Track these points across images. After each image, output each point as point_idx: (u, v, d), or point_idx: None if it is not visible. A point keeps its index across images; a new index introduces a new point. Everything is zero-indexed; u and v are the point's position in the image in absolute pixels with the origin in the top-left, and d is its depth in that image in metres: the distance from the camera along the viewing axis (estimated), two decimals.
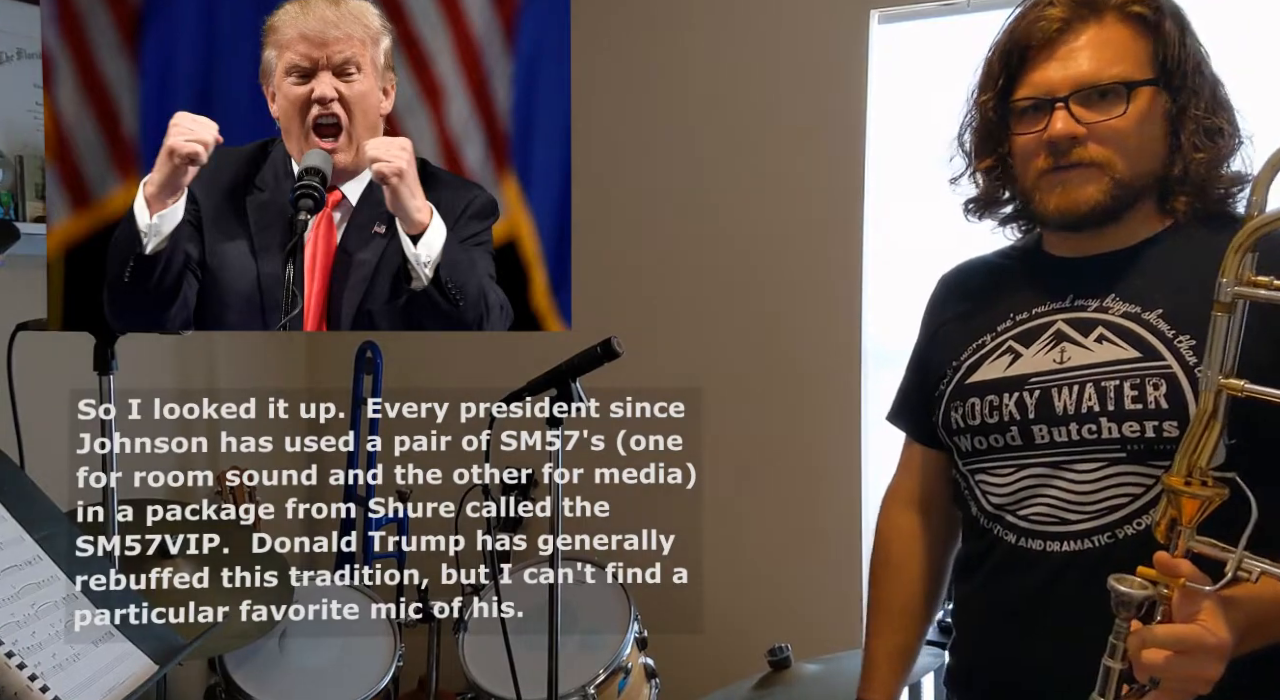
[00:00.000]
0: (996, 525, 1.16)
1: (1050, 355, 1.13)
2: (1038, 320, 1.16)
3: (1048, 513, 1.11)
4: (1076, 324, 1.13)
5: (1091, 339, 1.11)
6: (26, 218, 2.22)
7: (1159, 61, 1.09)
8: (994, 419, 1.15)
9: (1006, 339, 1.18)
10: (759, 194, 2.49)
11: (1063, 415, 1.09)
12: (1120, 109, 1.07)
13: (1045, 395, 1.11)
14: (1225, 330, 0.92)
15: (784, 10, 2.44)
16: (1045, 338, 1.14)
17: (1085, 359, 1.10)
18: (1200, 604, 0.90)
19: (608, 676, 2.09)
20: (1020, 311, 1.18)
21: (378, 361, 2.80)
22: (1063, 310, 1.14)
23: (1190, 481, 0.93)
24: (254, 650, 2.08)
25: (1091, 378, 1.08)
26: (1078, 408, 1.08)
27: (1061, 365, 1.11)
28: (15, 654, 1.07)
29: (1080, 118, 1.08)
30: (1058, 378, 1.11)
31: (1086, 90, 1.08)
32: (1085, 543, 1.08)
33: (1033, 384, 1.13)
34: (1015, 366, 1.15)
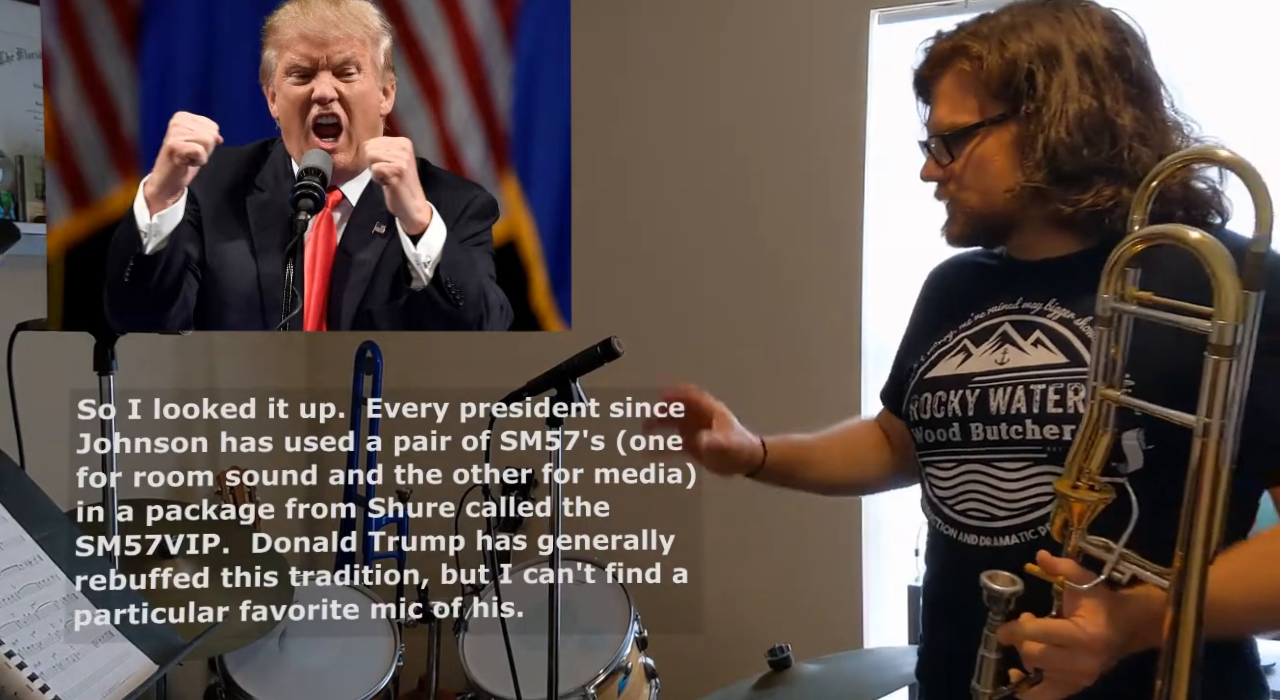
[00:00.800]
0: (939, 518, 1.21)
1: (994, 355, 1.17)
2: (990, 320, 1.20)
3: (979, 508, 1.15)
4: (1020, 326, 1.17)
5: (1029, 342, 1.15)
6: (26, 218, 2.22)
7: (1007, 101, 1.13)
8: (940, 414, 1.20)
9: (963, 337, 1.22)
10: (759, 193, 2.49)
11: (995, 415, 1.13)
12: (968, 149, 1.15)
13: (984, 394, 1.15)
14: (1104, 343, 0.97)
15: (784, 10, 2.44)
16: (993, 338, 1.19)
17: (1021, 361, 1.14)
18: (1078, 601, 0.95)
19: (608, 676, 2.09)
20: (979, 311, 1.22)
21: (378, 361, 2.80)
22: (1011, 312, 1.19)
23: (1078, 485, 0.97)
24: (254, 650, 2.08)
25: (1023, 380, 1.12)
26: (1009, 408, 1.12)
27: (1001, 366, 1.15)
28: (15, 654, 1.07)
29: (939, 160, 1.18)
30: (996, 378, 1.15)
31: (940, 137, 1.17)
32: (1011, 539, 1.12)
33: (975, 383, 1.17)
34: (965, 365, 1.20)
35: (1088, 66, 1.10)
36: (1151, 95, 1.13)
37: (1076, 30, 1.11)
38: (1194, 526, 0.87)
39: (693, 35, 2.55)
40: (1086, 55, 1.10)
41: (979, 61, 1.14)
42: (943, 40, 1.20)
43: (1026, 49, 1.12)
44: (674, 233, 2.59)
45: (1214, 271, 0.85)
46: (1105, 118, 1.09)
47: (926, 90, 1.22)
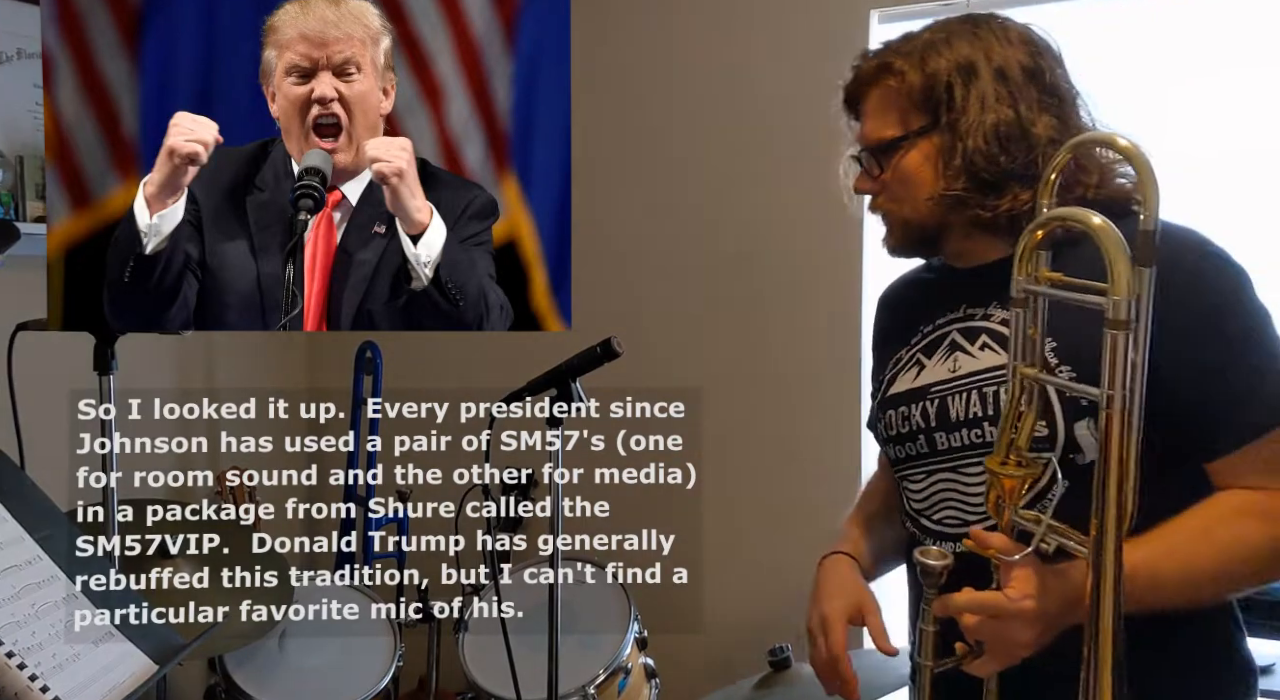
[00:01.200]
0: (917, 530, 1.23)
1: (946, 364, 1.20)
2: (938, 331, 1.23)
3: (953, 515, 1.18)
4: (966, 333, 1.19)
5: (977, 346, 1.18)
6: (26, 218, 2.22)
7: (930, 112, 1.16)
8: (905, 429, 1.22)
9: (915, 351, 1.25)
10: (759, 194, 2.49)
11: (956, 422, 1.16)
12: (894, 161, 1.19)
13: (942, 404, 1.18)
14: (1020, 324, 1.02)
15: (784, 10, 2.44)
16: (943, 348, 1.21)
17: (972, 366, 1.17)
18: (1011, 573, 0.98)
19: (608, 676, 2.09)
20: (928, 324, 1.25)
21: (378, 361, 2.80)
22: (957, 320, 1.21)
23: (1006, 462, 1.01)
24: (254, 650, 2.08)
25: (976, 384, 1.15)
26: (967, 413, 1.15)
27: (954, 374, 1.18)
28: (15, 654, 1.06)
29: (871, 173, 1.22)
30: (951, 386, 1.18)
31: (869, 149, 1.22)
32: None
33: (933, 394, 1.20)
34: (920, 378, 1.22)
35: (1004, 79, 1.14)
36: (1066, 104, 1.16)
37: (994, 46, 1.15)
38: (1105, 493, 0.90)
39: (693, 35, 2.55)
40: (1003, 69, 1.14)
41: (901, 77, 1.18)
42: (869, 59, 1.24)
43: (946, 64, 1.15)
44: (674, 233, 2.59)
45: (1106, 251, 0.90)
46: (1021, 127, 1.13)
47: (856, 107, 1.26)
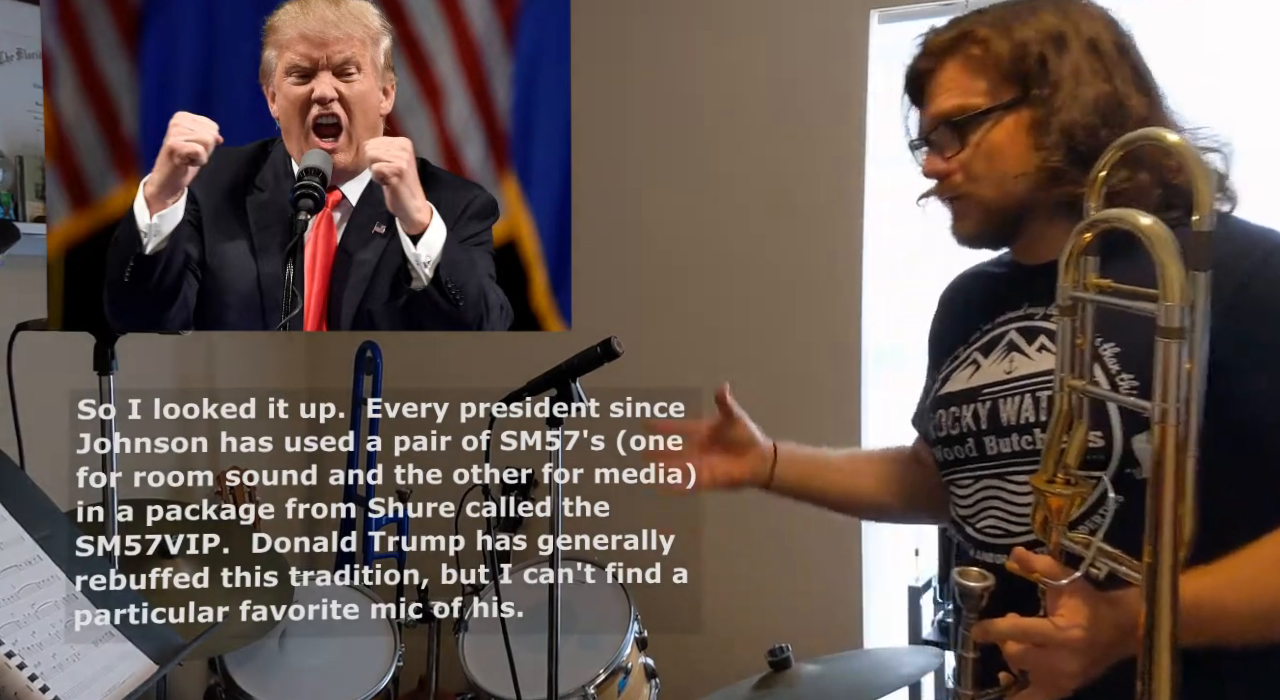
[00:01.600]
0: (962, 538, 1.18)
1: (1001, 365, 1.14)
2: (998, 330, 1.17)
3: (996, 525, 1.12)
4: (1025, 332, 1.14)
5: (1034, 347, 1.12)
6: (26, 218, 2.22)
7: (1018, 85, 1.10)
8: (955, 431, 1.17)
9: (973, 350, 1.19)
10: (759, 194, 2.49)
11: (1007, 426, 1.11)
12: (977, 138, 1.11)
13: (994, 406, 1.12)
14: (1068, 333, 0.95)
15: (784, 10, 2.44)
16: (1000, 347, 1.16)
17: (1028, 368, 1.11)
18: (1059, 599, 0.92)
19: (608, 676, 2.09)
20: (987, 321, 1.19)
21: (378, 361, 2.80)
22: (1016, 319, 1.16)
23: (1054, 480, 0.95)
24: (254, 650, 2.08)
25: (1030, 387, 1.09)
26: (1018, 418, 1.10)
27: (1009, 375, 1.13)
28: (15, 654, 1.06)
29: (945, 154, 1.14)
30: (1005, 388, 1.12)
31: (937, 130, 1.14)
32: None
33: (985, 395, 1.14)
34: (975, 377, 1.17)
35: (1096, 52, 1.09)
36: (1154, 87, 1.12)
37: (1080, 19, 1.10)
38: (1160, 515, 0.83)
39: (693, 35, 2.55)
40: (1094, 41, 1.09)
41: (985, 45, 1.11)
42: (943, 32, 1.16)
43: (1035, 34, 1.09)
44: (674, 233, 2.59)
45: (1157, 255, 0.84)
46: (1118, 100, 1.07)
47: (923, 84, 1.17)
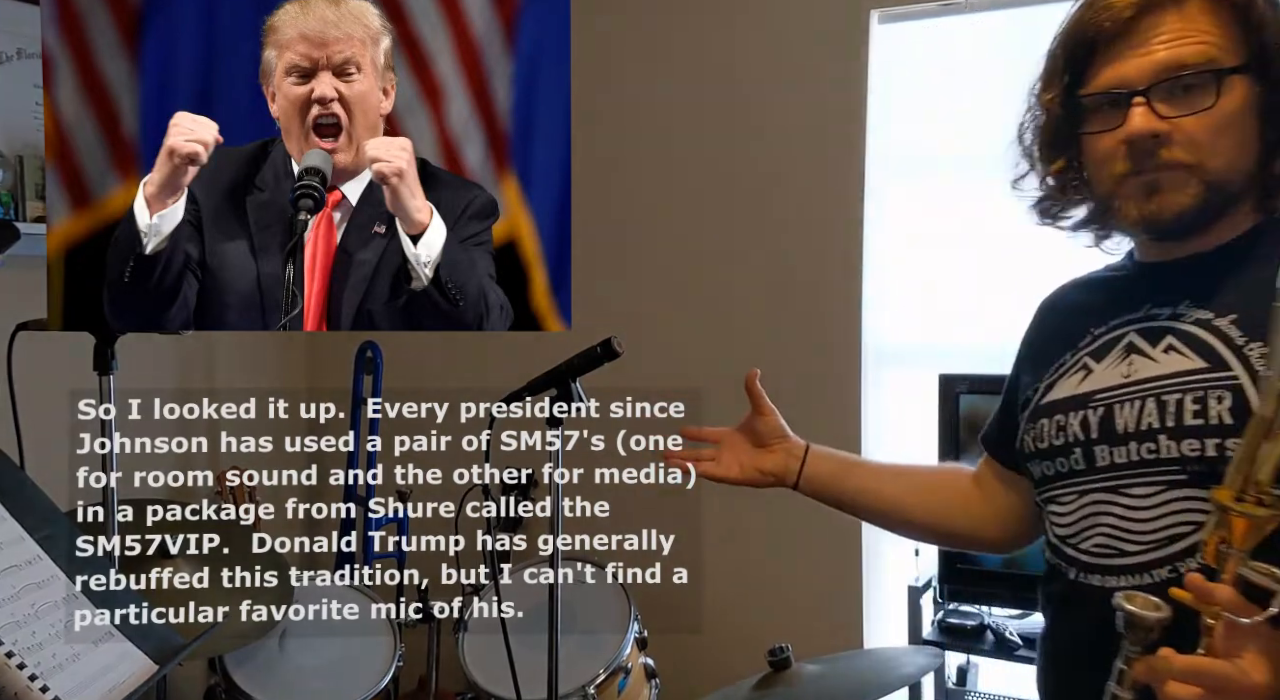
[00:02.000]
0: (1060, 560, 1.07)
1: (1118, 369, 1.03)
2: (1113, 333, 1.06)
3: (1106, 543, 1.00)
4: (1147, 334, 1.03)
5: (1159, 349, 1.00)
6: (26, 218, 2.22)
7: (1251, 47, 0.96)
8: (1060, 441, 1.06)
9: (1083, 355, 1.08)
10: (758, 194, 2.49)
11: (1123, 434, 1.00)
12: (1208, 101, 0.95)
13: (1108, 412, 1.02)
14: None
15: (784, 10, 2.44)
16: (1117, 350, 1.05)
17: (1151, 371, 1.00)
18: (1239, 639, 0.80)
19: (608, 676, 2.09)
20: (1100, 325, 1.08)
21: (378, 361, 2.80)
22: (1136, 321, 1.05)
23: (1243, 498, 0.82)
24: (254, 650, 2.08)
25: (1154, 392, 0.98)
26: (1138, 425, 0.99)
27: (1127, 379, 1.01)
28: (15, 654, 1.06)
29: (1162, 113, 0.96)
30: (1122, 393, 1.01)
31: (1168, 81, 0.95)
32: (1143, 577, 0.97)
33: (1097, 401, 1.03)
34: (1085, 383, 1.06)
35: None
36: None
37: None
38: None
39: (692, 35, 2.55)
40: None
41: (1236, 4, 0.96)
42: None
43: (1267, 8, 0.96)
44: (674, 233, 2.59)
45: None
46: None
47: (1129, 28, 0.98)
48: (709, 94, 2.53)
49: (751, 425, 1.47)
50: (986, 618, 2.16)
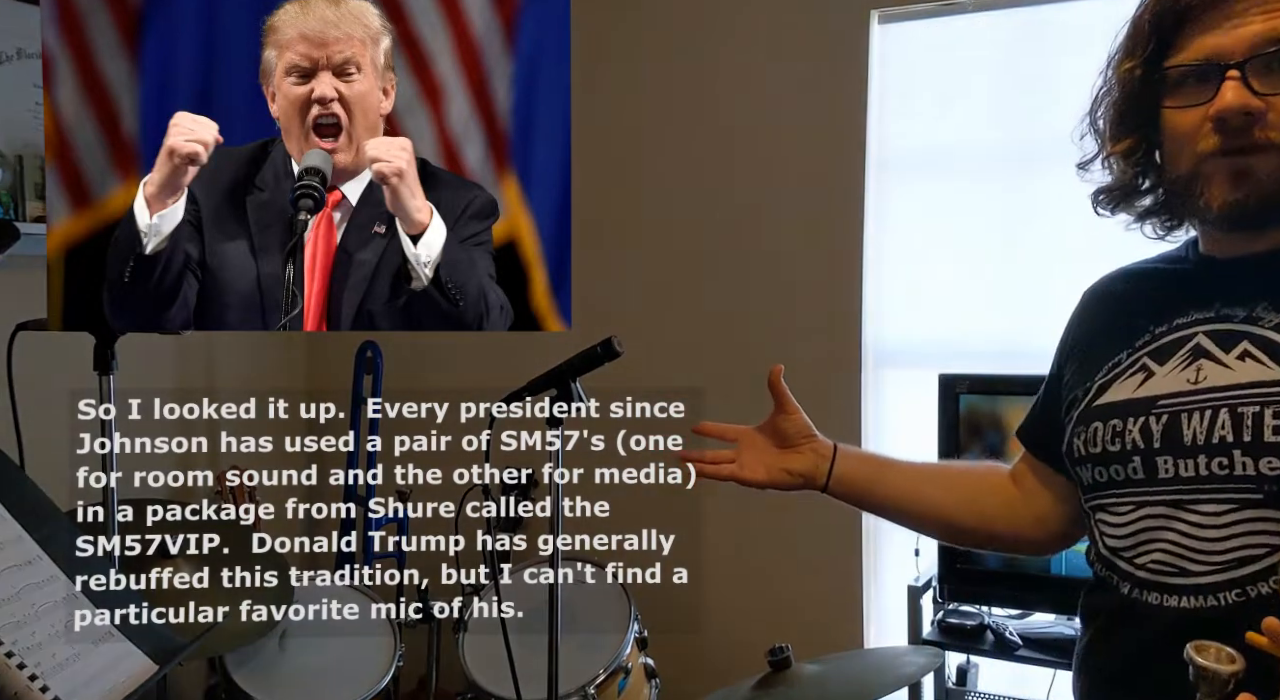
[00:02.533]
0: (1111, 573, 1.00)
1: (1185, 374, 0.96)
2: (1177, 333, 0.99)
3: (1167, 560, 0.94)
4: (1218, 337, 0.95)
5: (1234, 355, 0.93)
6: (26, 218, 2.22)
7: None
8: (1115, 447, 0.99)
9: (1141, 355, 1.01)
10: (759, 194, 2.49)
11: (1190, 446, 0.93)
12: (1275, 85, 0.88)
13: (1174, 421, 0.95)
14: None
15: (784, 10, 2.44)
16: (1182, 353, 0.97)
17: (1224, 379, 0.93)
18: None
19: (608, 676, 2.09)
20: (1162, 324, 1.00)
21: (378, 361, 2.80)
22: (1205, 321, 0.97)
23: None
24: (254, 650, 2.08)
25: (1227, 402, 0.91)
26: (1208, 437, 0.92)
27: (1196, 386, 0.94)
28: (15, 654, 1.06)
29: (1257, 89, 0.88)
30: (1190, 401, 0.94)
31: (1266, 55, 0.88)
32: (1208, 599, 0.91)
33: (1161, 407, 0.96)
34: (1146, 387, 0.98)
35: None
36: None
37: None
38: None
39: (693, 35, 2.55)
40: None
41: None
42: None
43: None
44: (674, 233, 2.59)
45: None
46: None
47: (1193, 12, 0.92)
48: (709, 94, 2.53)
49: (775, 424, 1.38)
50: (986, 618, 2.16)
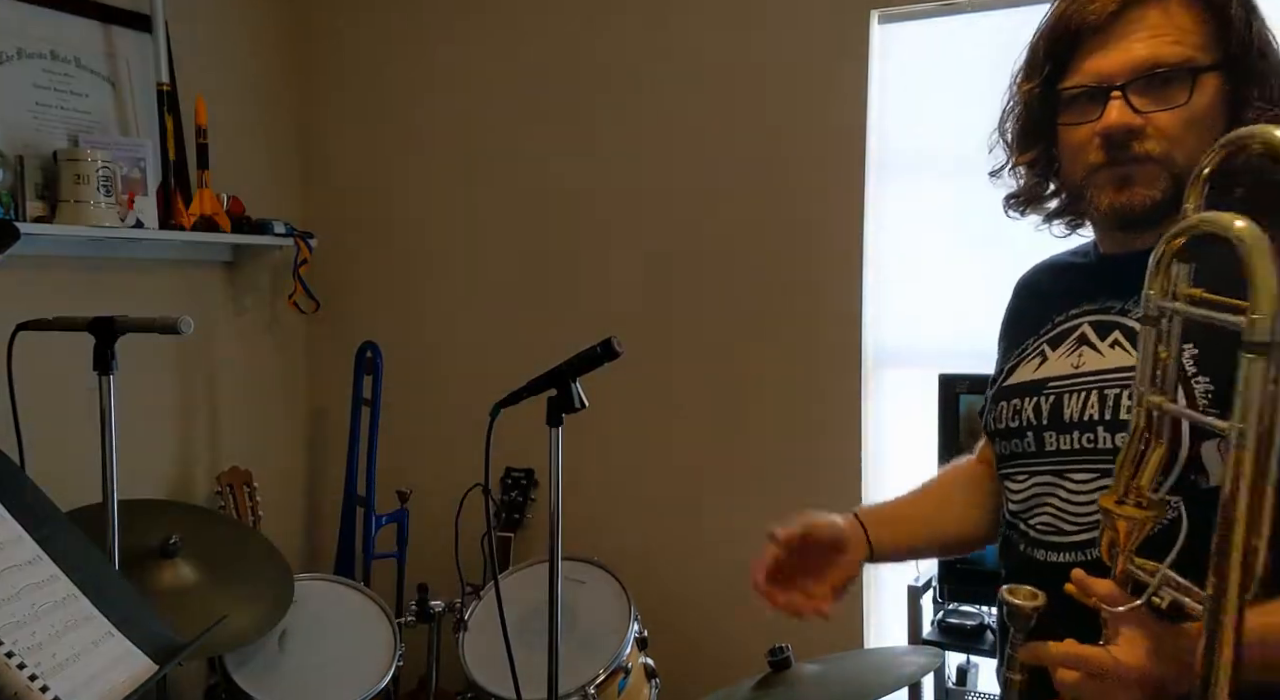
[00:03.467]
0: (1013, 533, 1.14)
1: (1069, 359, 1.09)
2: (1070, 322, 1.12)
3: (1049, 522, 1.08)
4: (1099, 327, 1.08)
5: (1107, 343, 1.06)
6: (26, 218, 2.21)
7: (1225, 45, 0.99)
8: (1015, 423, 1.13)
9: (1042, 342, 1.14)
10: (759, 194, 2.49)
11: (1069, 422, 1.06)
12: (1183, 97, 0.98)
13: (1058, 401, 1.08)
14: (1151, 344, 0.87)
15: (784, 10, 2.44)
16: (1070, 340, 1.10)
17: (1097, 364, 1.05)
18: (1118, 627, 0.87)
19: (608, 676, 2.09)
20: (1061, 313, 1.13)
21: (377, 361, 2.80)
22: (1091, 312, 1.10)
23: (1124, 501, 0.89)
24: (254, 650, 2.08)
25: (1097, 384, 1.04)
26: (1081, 415, 1.05)
27: (1076, 370, 1.07)
28: (15, 654, 1.06)
29: (1138, 107, 0.99)
30: (1071, 383, 1.07)
31: (1145, 77, 0.98)
32: (1079, 554, 1.04)
33: (1049, 389, 1.09)
34: (1040, 370, 1.12)
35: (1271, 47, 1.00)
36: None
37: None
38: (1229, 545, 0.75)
39: (693, 35, 2.55)
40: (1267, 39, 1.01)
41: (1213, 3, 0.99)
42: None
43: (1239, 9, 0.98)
44: (674, 233, 2.58)
45: (1249, 260, 0.73)
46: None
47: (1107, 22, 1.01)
48: (709, 94, 2.53)
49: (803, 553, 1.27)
50: (986, 618, 2.16)
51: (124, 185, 2.35)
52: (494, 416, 1.67)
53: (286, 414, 3.01)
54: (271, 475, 2.77)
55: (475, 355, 2.84)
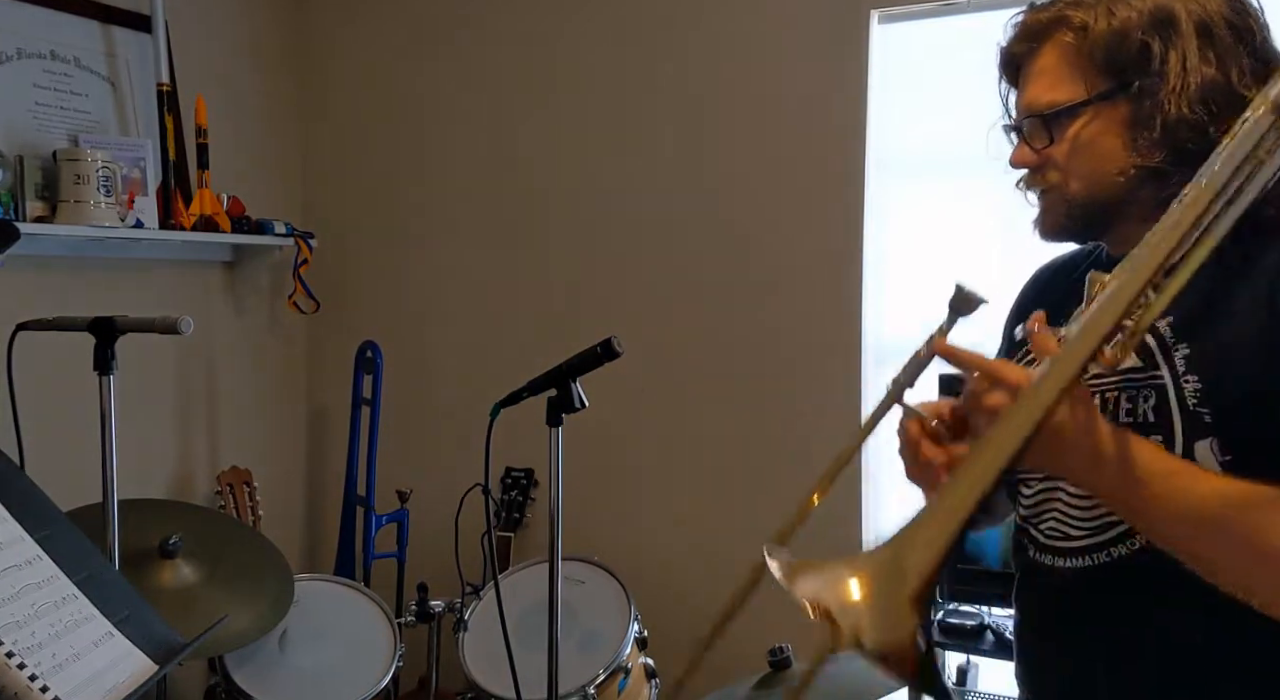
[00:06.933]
0: (1024, 536, 1.15)
1: None
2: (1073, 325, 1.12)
3: (1056, 527, 1.09)
4: None
5: None
6: (26, 218, 2.21)
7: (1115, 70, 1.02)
8: None
9: None
10: (759, 194, 2.49)
11: None
12: (1066, 131, 1.05)
13: None
14: None
15: (784, 10, 2.44)
16: None
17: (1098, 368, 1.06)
18: None
19: (608, 676, 2.09)
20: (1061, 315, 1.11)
21: (378, 361, 2.80)
22: None
23: None
24: (254, 650, 2.08)
25: (1099, 388, 1.03)
26: None
27: None
28: (15, 654, 1.06)
29: (1034, 145, 1.08)
30: None
31: (1026, 121, 1.08)
32: (1084, 559, 1.05)
33: None
34: None
35: (1209, 36, 0.99)
36: None
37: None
38: None
39: (693, 35, 2.55)
40: (1206, 24, 0.99)
41: (1083, 32, 1.02)
42: (1038, 11, 1.07)
43: (1138, 17, 1.00)
44: (674, 233, 2.59)
45: None
46: (1231, 91, 0.97)
47: (1017, 69, 1.11)
48: (709, 94, 2.53)
49: None
50: (986, 618, 2.16)
51: (124, 185, 2.35)
52: (494, 416, 1.67)
53: (286, 414, 3.00)
54: (271, 475, 2.77)
55: (475, 355, 2.84)
